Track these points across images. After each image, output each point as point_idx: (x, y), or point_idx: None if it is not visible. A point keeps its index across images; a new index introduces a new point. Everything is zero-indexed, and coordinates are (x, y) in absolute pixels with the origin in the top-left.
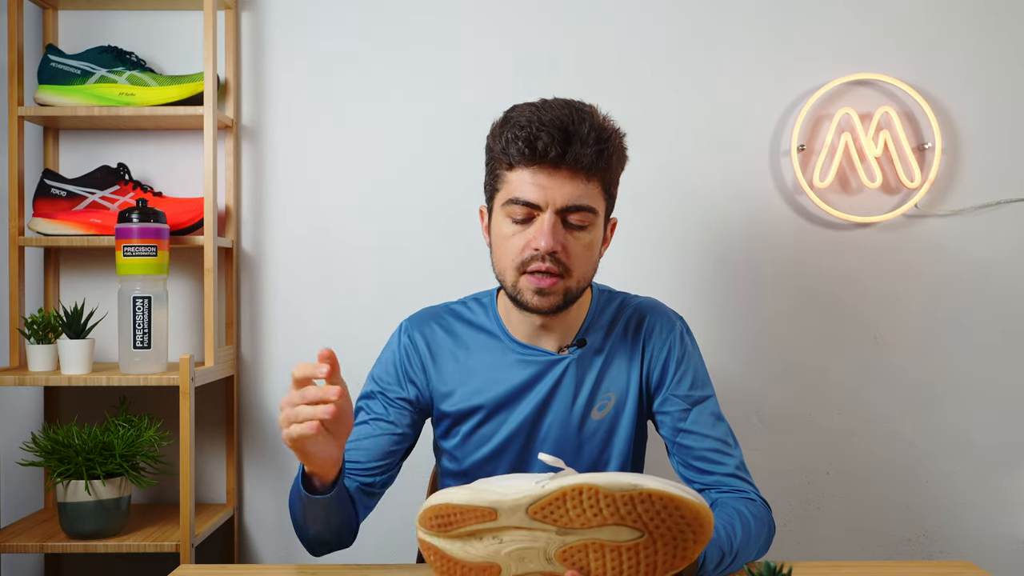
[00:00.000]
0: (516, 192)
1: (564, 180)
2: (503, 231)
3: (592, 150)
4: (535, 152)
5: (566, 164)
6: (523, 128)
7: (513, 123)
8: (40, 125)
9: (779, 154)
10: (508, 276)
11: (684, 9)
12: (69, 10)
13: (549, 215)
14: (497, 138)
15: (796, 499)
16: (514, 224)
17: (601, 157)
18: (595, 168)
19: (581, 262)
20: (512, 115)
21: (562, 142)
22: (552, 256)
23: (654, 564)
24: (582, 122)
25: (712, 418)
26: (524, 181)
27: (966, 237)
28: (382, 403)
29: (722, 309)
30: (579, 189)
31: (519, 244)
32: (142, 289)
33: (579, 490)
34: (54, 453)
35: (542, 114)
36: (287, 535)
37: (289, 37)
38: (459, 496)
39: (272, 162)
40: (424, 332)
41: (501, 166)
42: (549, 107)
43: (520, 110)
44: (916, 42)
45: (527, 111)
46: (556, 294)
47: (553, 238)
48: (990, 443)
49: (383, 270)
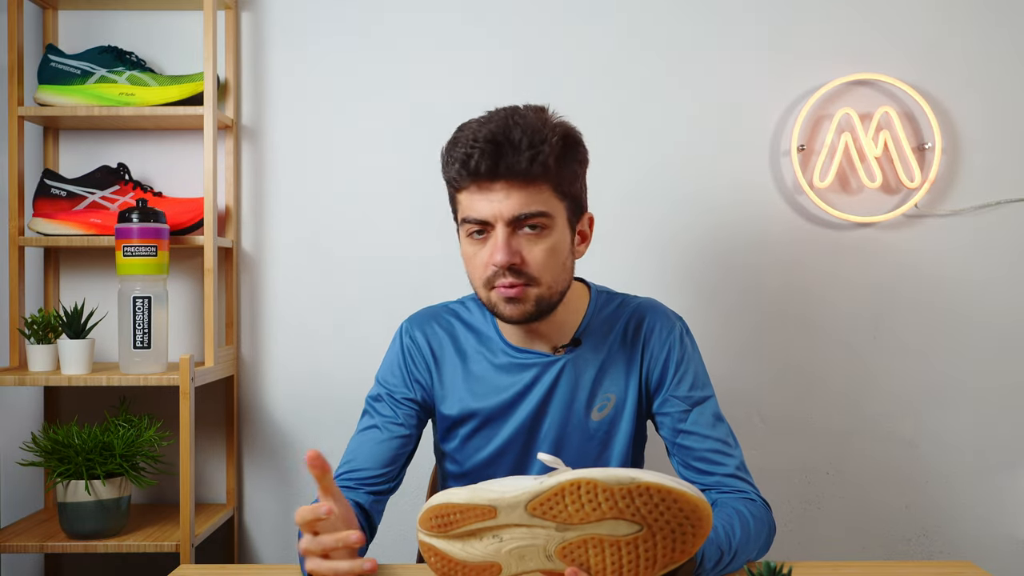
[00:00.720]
0: (466, 212)
1: (504, 192)
2: (466, 251)
3: (526, 156)
4: (469, 170)
5: (500, 176)
6: (461, 148)
7: (454, 143)
8: (40, 125)
9: (779, 154)
10: (481, 293)
11: (684, 9)
12: (69, 10)
13: (500, 229)
14: (444, 162)
15: (796, 499)
16: (474, 243)
17: (536, 161)
18: (531, 173)
19: (545, 268)
20: (457, 135)
21: (492, 154)
22: (512, 269)
23: (653, 558)
24: (514, 129)
25: (712, 419)
26: (472, 200)
27: (966, 237)
28: (390, 405)
29: (722, 309)
30: (524, 197)
31: (481, 261)
32: (142, 289)
33: (577, 484)
34: (54, 453)
35: (478, 130)
36: (287, 535)
37: (289, 37)
38: (458, 496)
39: (272, 162)
40: (425, 331)
41: (452, 189)
42: (489, 120)
43: (464, 129)
44: (916, 42)
45: (468, 129)
46: (526, 301)
47: (506, 252)
48: (990, 443)
49: (383, 270)
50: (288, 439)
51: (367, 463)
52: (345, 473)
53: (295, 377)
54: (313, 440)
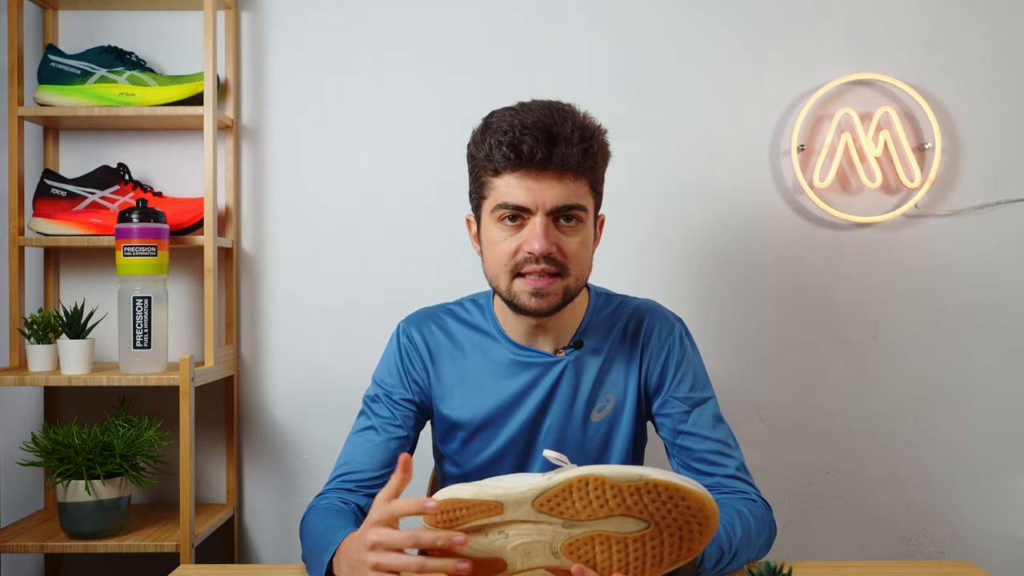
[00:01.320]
0: (505, 197)
1: (552, 181)
2: (494, 236)
3: (578, 149)
4: (521, 156)
5: (553, 165)
6: (506, 133)
7: (495, 129)
8: (40, 125)
9: (779, 154)
10: (501, 281)
11: (684, 9)
12: (69, 10)
13: (540, 218)
14: (480, 145)
15: (796, 499)
16: (505, 229)
17: (587, 156)
18: (582, 167)
19: (577, 260)
20: (492, 121)
21: (547, 143)
22: (547, 258)
23: (660, 556)
24: (564, 122)
25: (712, 419)
26: (512, 185)
27: (966, 237)
28: (387, 406)
29: (722, 309)
30: (568, 189)
31: (511, 248)
32: (142, 289)
33: (585, 481)
34: (54, 453)
35: (523, 117)
36: (287, 535)
37: (289, 37)
38: (465, 491)
39: (272, 162)
40: (422, 331)
41: (486, 173)
42: (529, 109)
43: (500, 115)
44: (916, 42)
45: (507, 115)
46: (554, 294)
47: (547, 240)
48: (990, 443)
49: (383, 269)
50: (288, 439)
51: (364, 465)
52: (343, 476)
53: (295, 377)
54: (313, 440)
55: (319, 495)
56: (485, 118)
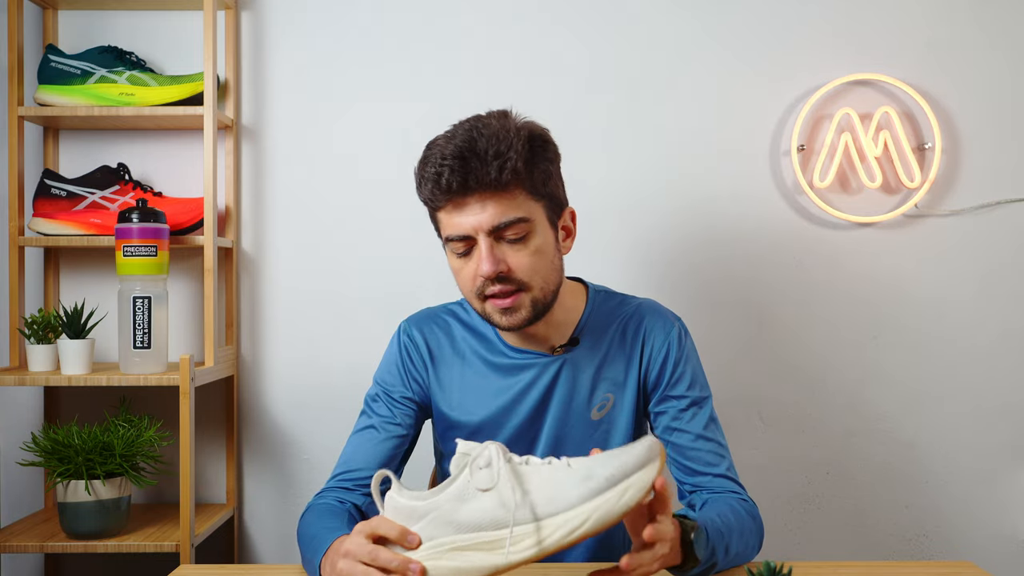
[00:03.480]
0: (447, 231)
1: (478, 204)
2: (454, 266)
3: (494, 166)
4: (442, 189)
5: (472, 190)
6: (430, 168)
7: (424, 163)
8: (40, 125)
9: (779, 154)
10: (475, 305)
11: (684, 9)
12: (69, 10)
13: (482, 241)
14: (418, 185)
15: (796, 499)
16: (459, 258)
17: (504, 169)
18: (501, 181)
19: (534, 271)
20: (426, 155)
21: (461, 171)
22: (500, 277)
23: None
24: (478, 140)
25: (707, 420)
26: (450, 217)
27: (966, 237)
28: (387, 404)
29: (722, 309)
30: (499, 207)
31: (470, 275)
32: (142, 289)
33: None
34: (54, 453)
35: (444, 148)
36: (287, 535)
37: (289, 37)
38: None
39: (272, 162)
40: (424, 331)
41: (430, 209)
42: (454, 135)
43: (432, 147)
44: (916, 42)
45: (437, 147)
46: (522, 308)
47: (491, 263)
48: (990, 443)
49: (383, 270)
50: (288, 439)
51: (364, 464)
52: (342, 475)
53: (295, 377)
54: (313, 440)
55: (318, 494)
56: (424, 150)
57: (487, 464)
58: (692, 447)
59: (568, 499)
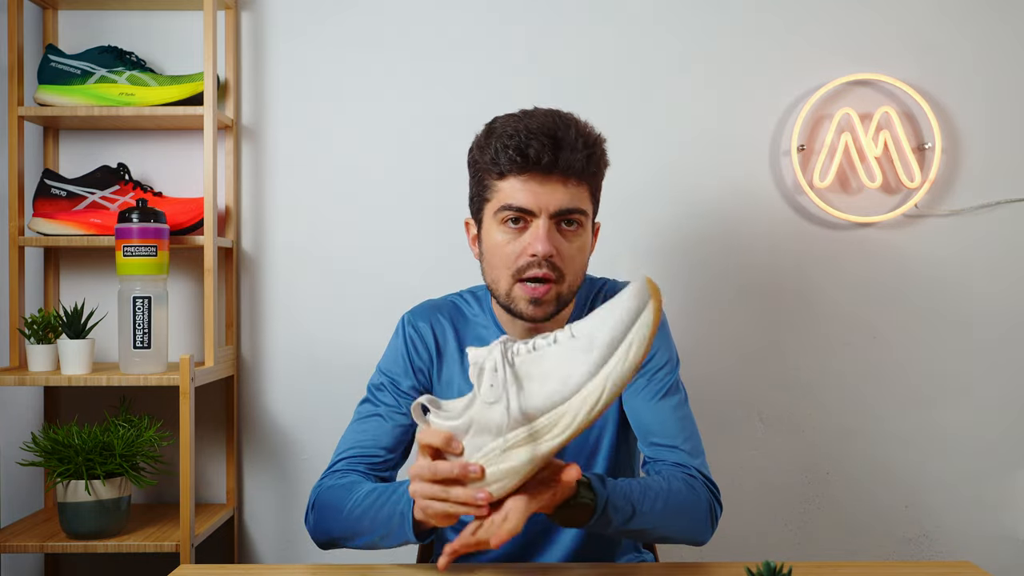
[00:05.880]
0: (509, 199)
1: (556, 185)
2: (496, 239)
3: (582, 155)
4: (527, 159)
5: (558, 170)
6: (511, 137)
7: (500, 133)
8: (40, 125)
9: (779, 154)
10: (502, 285)
11: (684, 9)
12: (69, 10)
13: (543, 220)
14: (484, 149)
15: (796, 499)
16: (508, 232)
17: (590, 162)
18: (585, 173)
19: (574, 265)
20: (496, 126)
21: (552, 148)
22: (548, 261)
23: None
24: (568, 128)
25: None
26: (516, 188)
27: (966, 237)
28: (392, 394)
29: (722, 309)
30: (571, 193)
31: (514, 251)
32: (142, 289)
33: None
34: (54, 453)
35: (528, 122)
36: (287, 535)
37: (289, 37)
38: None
39: (272, 162)
40: (431, 321)
41: (490, 176)
42: (533, 116)
43: (504, 120)
44: (916, 42)
45: (512, 121)
46: (549, 303)
47: (549, 242)
48: (990, 443)
49: (383, 270)
50: (288, 439)
51: (374, 446)
52: (353, 457)
53: (295, 377)
54: (313, 440)
55: (328, 473)
56: (489, 123)
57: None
58: (652, 416)
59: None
